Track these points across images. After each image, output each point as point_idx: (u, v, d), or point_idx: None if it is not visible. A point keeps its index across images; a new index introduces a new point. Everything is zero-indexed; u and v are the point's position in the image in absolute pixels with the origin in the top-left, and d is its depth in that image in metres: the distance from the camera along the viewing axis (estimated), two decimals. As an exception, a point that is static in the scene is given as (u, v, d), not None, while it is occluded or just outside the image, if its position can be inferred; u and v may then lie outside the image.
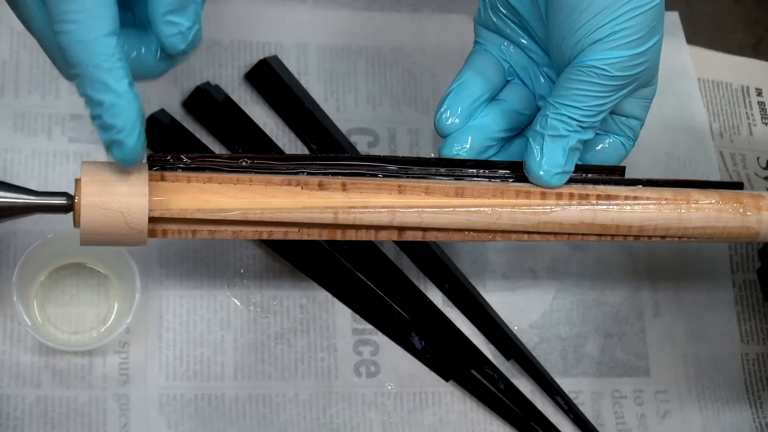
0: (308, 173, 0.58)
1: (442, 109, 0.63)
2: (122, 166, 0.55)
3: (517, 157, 0.64)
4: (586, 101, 0.60)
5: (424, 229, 0.59)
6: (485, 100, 0.64)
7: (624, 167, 0.64)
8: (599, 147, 0.65)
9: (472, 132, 0.63)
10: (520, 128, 0.65)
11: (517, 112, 0.65)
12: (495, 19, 0.65)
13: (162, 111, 0.77)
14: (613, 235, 0.62)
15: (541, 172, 0.60)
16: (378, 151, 0.80)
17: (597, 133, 0.64)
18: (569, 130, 0.60)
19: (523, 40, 0.66)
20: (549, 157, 0.60)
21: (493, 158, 0.64)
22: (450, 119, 0.63)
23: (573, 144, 0.61)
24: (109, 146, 0.54)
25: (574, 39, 0.60)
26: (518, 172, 0.62)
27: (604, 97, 0.60)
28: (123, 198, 0.54)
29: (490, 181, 0.61)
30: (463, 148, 0.63)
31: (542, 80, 0.65)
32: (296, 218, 0.57)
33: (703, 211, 0.62)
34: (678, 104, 0.85)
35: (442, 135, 0.64)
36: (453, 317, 0.77)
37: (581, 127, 0.61)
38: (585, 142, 0.62)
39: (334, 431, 0.74)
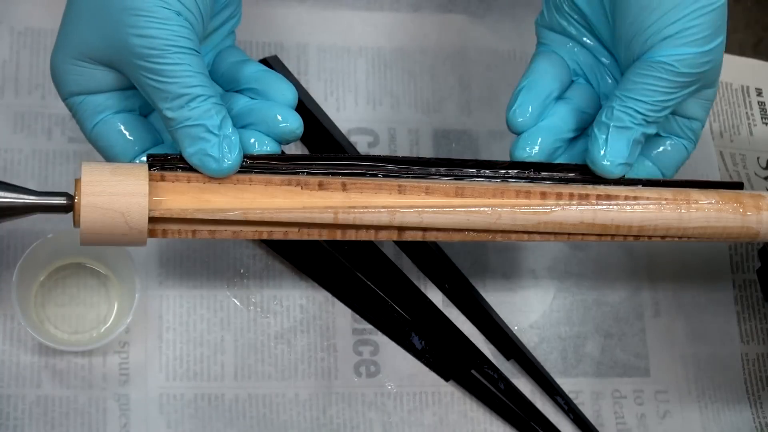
0: (308, 173, 0.58)
1: (514, 107, 0.64)
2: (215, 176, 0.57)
3: (581, 157, 0.64)
4: (653, 96, 0.61)
5: (424, 229, 0.59)
6: (554, 98, 0.65)
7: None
8: (661, 149, 0.65)
9: (543, 133, 0.64)
10: (584, 128, 0.66)
11: (583, 111, 0.65)
12: (560, 21, 0.67)
13: (162, 111, 0.77)
14: (613, 235, 0.62)
15: (605, 162, 0.61)
16: (378, 151, 0.80)
17: (659, 135, 0.65)
18: (634, 123, 0.61)
19: (588, 41, 0.66)
20: (613, 147, 0.61)
21: (559, 159, 0.64)
22: (522, 116, 0.64)
23: (637, 137, 0.62)
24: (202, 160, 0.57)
25: (644, 36, 0.61)
26: (519, 169, 0.62)
27: (670, 93, 0.61)
28: (123, 198, 0.54)
29: (490, 181, 0.61)
30: (533, 149, 0.63)
31: (608, 80, 0.66)
32: (296, 218, 0.57)
33: (703, 211, 0.62)
34: (678, 104, 0.85)
35: (515, 132, 0.64)
36: (453, 317, 0.77)
37: (646, 120, 0.61)
38: (648, 137, 0.63)
39: (334, 431, 0.74)
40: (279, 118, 0.58)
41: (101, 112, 0.59)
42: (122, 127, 0.59)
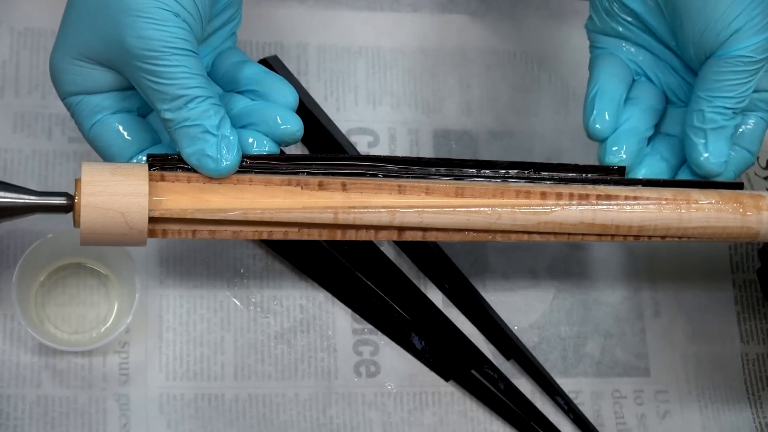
0: (308, 173, 0.58)
1: (593, 115, 0.65)
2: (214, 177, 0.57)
3: (663, 154, 0.66)
4: (737, 89, 0.63)
5: (424, 229, 0.59)
6: (624, 101, 0.66)
7: (624, 167, 0.64)
8: (743, 128, 0.66)
9: (625, 137, 0.65)
10: (656, 125, 0.67)
11: (654, 109, 0.66)
12: (613, 24, 0.67)
13: (162, 111, 0.77)
14: (613, 235, 0.62)
15: (712, 163, 0.63)
16: (378, 151, 0.80)
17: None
18: (726, 120, 0.63)
19: (643, 39, 0.67)
20: (715, 148, 0.63)
21: (644, 160, 0.66)
22: (601, 123, 0.65)
23: (731, 132, 0.64)
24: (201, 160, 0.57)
25: (714, 32, 0.62)
26: (519, 169, 0.62)
27: (750, 81, 0.63)
28: (123, 198, 0.54)
29: (490, 181, 0.61)
30: (621, 153, 0.64)
31: (669, 73, 0.67)
32: (296, 218, 0.57)
33: (703, 211, 0.62)
34: (678, 104, 0.85)
35: (596, 139, 0.65)
36: (453, 317, 0.77)
37: (734, 113, 0.63)
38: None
39: (334, 431, 0.74)
40: (279, 120, 0.58)
41: (99, 112, 0.59)
42: (120, 127, 0.59)
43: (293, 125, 0.59)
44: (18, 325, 0.71)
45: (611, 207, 0.61)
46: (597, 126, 0.64)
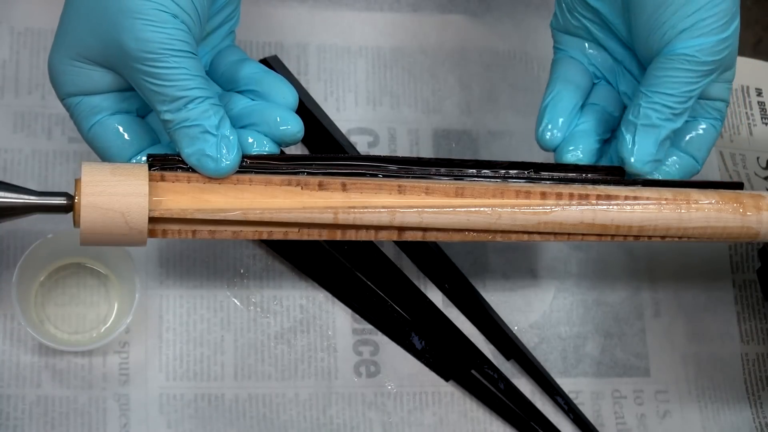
0: (308, 173, 0.58)
1: (542, 125, 0.65)
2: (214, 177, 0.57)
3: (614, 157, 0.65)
4: (678, 87, 0.62)
5: (424, 230, 0.59)
6: (580, 108, 0.66)
7: (624, 167, 0.64)
8: (693, 134, 0.66)
9: (583, 137, 0.65)
10: (614, 130, 0.67)
11: (610, 114, 0.66)
12: (575, 22, 0.67)
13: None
14: (613, 235, 0.62)
15: (633, 160, 0.62)
16: (378, 151, 0.80)
17: (688, 120, 0.65)
18: (661, 119, 0.62)
19: (604, 39, 0.67)
20: (641, 146, 0.62)
21: (600, 162, 0.65)
22: (552, 133, 0.65)
23: (664, 135, 0.62)
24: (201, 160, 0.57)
25: (662, 31, 0.62)
26: (519, 169, 0.62)
27: (694, 83, 0.62)
28: (123, 198, 0.54)
29: (490, 181, 0.61)
30: (578, 152, 0.64)
31: (626, 77, 0.67)
32: (296, 218, 0.57)
33: (703, 211, 0.62)
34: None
35: (547, 149, 0.65)
36: (453, 317, 0.77)
37: (673, 114, 0.62)
38: (676, 132, 0.63)
39: (334, 431, 0.74)
40: (279, 120, 0.58)
41: (98, 113, 0.59)
42: (120, 128, 0.59)
43: (293, 126, 0.59)
44: (18, 325, 0.71)
45: (611, 207, 0.61)
46: (548, 137, 0.64)
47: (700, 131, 0.65)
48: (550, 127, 0.65)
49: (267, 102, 0.59)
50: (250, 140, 0.58)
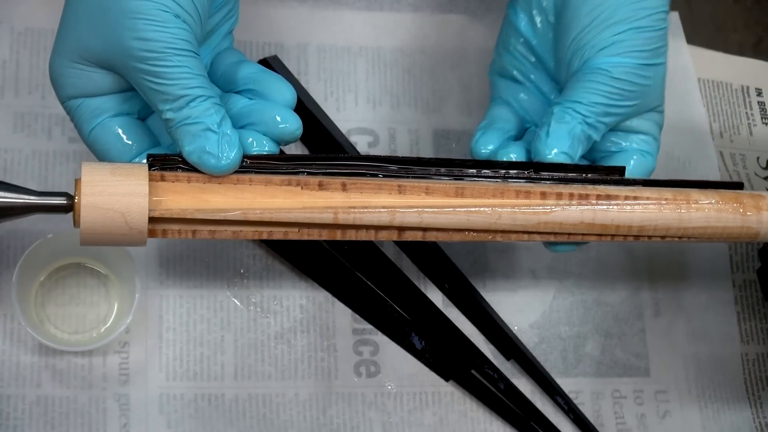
0: (308, 173, 0.58)
1: (476, 138, 0.67)
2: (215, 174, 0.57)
3: None
4: (590, 97, 0.63)
5: (424, 229, 0.59)
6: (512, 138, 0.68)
7: (624, 167, 0.64)
8: (631, 164, 0.66)
9: (518, 149, 0.66)
10: None
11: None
12: (512, 62, 0.69)
13: (162, 111, 0.77)
14: (613, 235, 0.62)
15: (544, 147, 0.63)
16: (378, 151, 0.80)
17: (619, 151, 0.66)
18: (574, 120, 0.63)
19: (536, 76, 0.69)
20: (554, 137, 0.63)
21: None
22: (485, 147, 0.66)
23: (578, 130, 0.63)
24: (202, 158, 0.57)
25: (583, 51, 0.64)
26: (519, 169, 0.62)
27: (608, 97, 0.63)
28: (123, 198, 0.54)
29: (490, 181, 0.61)
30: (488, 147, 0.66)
31: None
32: (296, 218, 0.57)
33: (703, 211, 0.62)
34: (678, 104, 0.85)
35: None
36: (453, 317, 0.77)
37: (585, 121, 0.63)
38: (592, 143, 0.64)
39: (334, 431, 0.74)
40: (278, 119, 0.58)
41: (99, 116, 0.59)
42: (120, 131, 0.60)
43: (292, 124, 0.59)
44: (18, 325, 0.71)
45: (611, 207, 0.61)
46: (481, 150, 0.66)
47: (631, 163, 0.66)
48: (483, 141, 0.66)
49: (265, 101, 0.59)
50: (250, 140, 0.58)
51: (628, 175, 0.65)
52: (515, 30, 0.69)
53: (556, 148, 0.62)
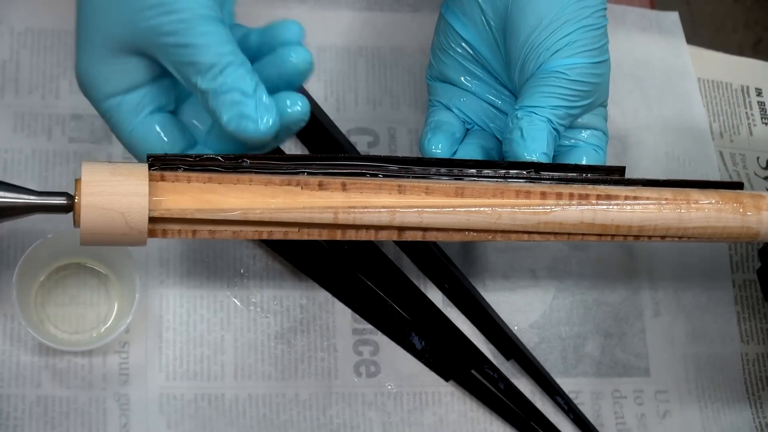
0: (308, 173, 0.58)
1: (427, 138, 0.68)
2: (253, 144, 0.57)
3: None
4: (551, 101, 0.64)
5: (424, 229, 0.59)
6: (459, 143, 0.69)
7: (624, 167, 0.64)
8: (584, 159, 0.67)
9: (471, 149, 0.68)
10: None
11: (486, 149, 0.69)
12: (450, 63, 0.70)
13: (162, 111, 0.77)
14: (613, 235, 0.62)
15: (522, 149, 0.64)
16: (378, 151, 0.80)
17: (571, 146, 0.67)
18: (542, 122, 0.64)
19: (478, 78, 0.70)
20: (530, 139, 0.64)
21: None
22: (436, 150, 0.68)
23: (546, 120, 0.64)
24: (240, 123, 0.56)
25: (536, 53, 0.65)
26: (519, 169, 0.62)
27: (567, 100, 0.65)
28: (123, 198, 0.54)
29: (490, 181, 0.61)
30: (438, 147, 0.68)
31: (500, 119, 0.70)
32: (296, 218, 0.57)
33: (703, 212, 0.62)
34: (678, 104, 0.85)
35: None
36: (453, 317, 0.77)
37: (551, 124, 0.64)
38: (559, 137, 0.65)
39: (334, 431, 0.74)
40: (291, 57, 0.59)
41: (138, 113, 0.59)
42: (158, 128, 0.60)
43: (300, 54, 0.59)
44: (18, 325, 0.71)
45: (611, 207, 0.61)
46: (432, 149, 0.67)
47: (584, 159, 0.67)
48: (434, 141, 0.68)
49: (276, 49, 0.59)
50: (286, 101, 0.58)
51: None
52: (453, 32, 0.70)
53: (535, 150, 0.63)
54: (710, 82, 0.88)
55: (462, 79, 0.70)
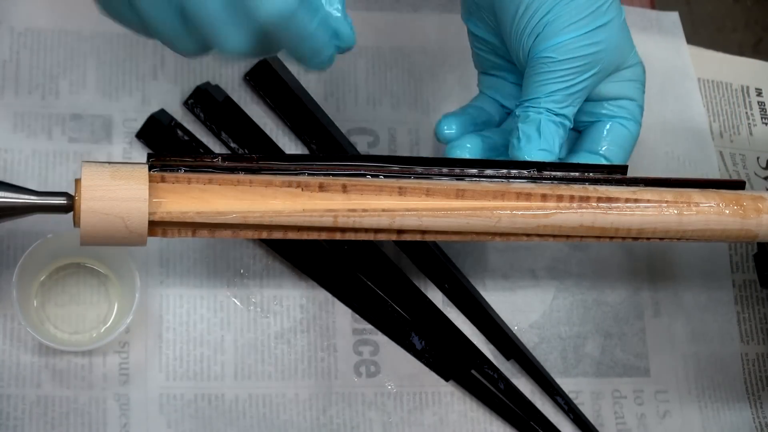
0: (309, 174, 0.58)
1: (440, 121, 0.68)
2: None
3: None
4: (544, 89, 0.63)
5: (423, 232, 0.59)
6: (491, 124, 0.69)
7: (626, 166, 0.64)
8: (600, 136, 0.66)
9: (475, 139, 0.67)
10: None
11: (492, 143, 0.69)
12: (480, 59, 0.71)
13: (162, 111, 0.77)
14: (611, 237, 0.62)
15: (520, 152, 0.64)
16: (378, 152, 0.80)
17: (594, 121, 0.66)
18: (539, 115, 0.63)
19: (506, 71, 0.70)
20: (525, 140, 0.63)
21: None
22: (449, 129, 0.67)
23: (547, 125, 0.63)
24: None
25: (522, 40, 0.64)
26: (520, 169, 0.62)
27: (562, 82, 0.63)
28: (123, 203, 0.54)
29: (491, 181, 0.61)
30: (465, 149, 0.67)
31: None
32: (296, 222, 0.57)
33: (703, 215, 0.62)
34: (678, 104, 0.85)
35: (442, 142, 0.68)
36: (453, 317, 0.77)
37: (552, 113, 0.63)
38: (582, 135, 0.65)
39: (334, 431, 0.74)
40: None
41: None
42: None
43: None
44: (18, 325, 0.71)
45: (611, 210, 0.61)
46: (444, 130, 0.67)
47: (605, 133, 0.66)
48: (447, 124, 0.68)
49: None
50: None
51: (607, 147, 0.65)
52: (471, 33, 0.70)
53: (531, 150, 0.63)
54: (710, 82, 0.88)
55: (494, 71, 0.70)
